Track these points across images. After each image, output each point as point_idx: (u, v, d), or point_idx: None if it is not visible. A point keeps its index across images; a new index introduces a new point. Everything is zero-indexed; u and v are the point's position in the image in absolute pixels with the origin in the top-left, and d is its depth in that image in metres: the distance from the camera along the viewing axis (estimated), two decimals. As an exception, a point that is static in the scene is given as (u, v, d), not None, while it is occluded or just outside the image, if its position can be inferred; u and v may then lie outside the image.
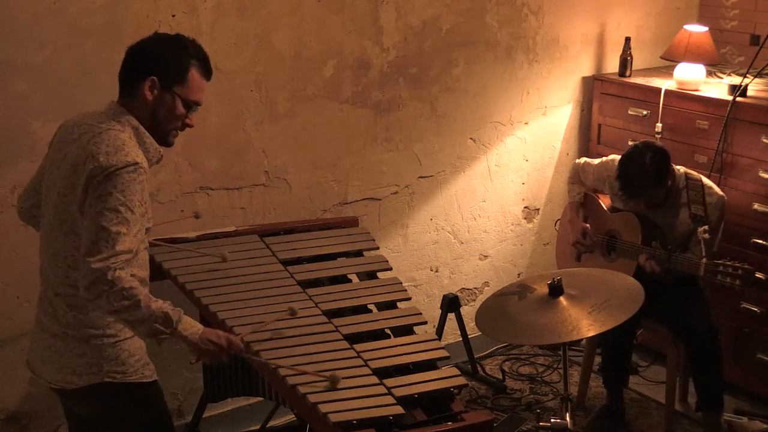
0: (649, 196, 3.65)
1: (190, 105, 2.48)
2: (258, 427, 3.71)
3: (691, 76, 4.21)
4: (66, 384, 2.48)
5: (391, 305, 3.00)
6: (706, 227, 3.54)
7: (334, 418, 2.34)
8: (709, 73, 4.40)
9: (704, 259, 3.46)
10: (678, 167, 3.74)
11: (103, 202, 2.29)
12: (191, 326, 2.39)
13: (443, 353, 2.71)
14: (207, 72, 2.50)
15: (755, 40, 4.58)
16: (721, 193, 3.68)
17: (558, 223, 4.29)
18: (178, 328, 2.35)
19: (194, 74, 2.46)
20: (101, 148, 2.33)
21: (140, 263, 2.48)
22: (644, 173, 3.57)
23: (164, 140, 2.50)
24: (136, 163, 2.34)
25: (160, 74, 2.41)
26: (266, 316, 2.79)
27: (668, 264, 3.56)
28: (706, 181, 3.71)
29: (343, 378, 2.51)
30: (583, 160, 4.09)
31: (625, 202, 3.82)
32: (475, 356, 4.32)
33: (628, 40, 4.51)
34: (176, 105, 2.45)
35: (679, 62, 4.24)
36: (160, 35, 2.52)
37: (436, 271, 4.35)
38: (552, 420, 2.90)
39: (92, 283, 2.25)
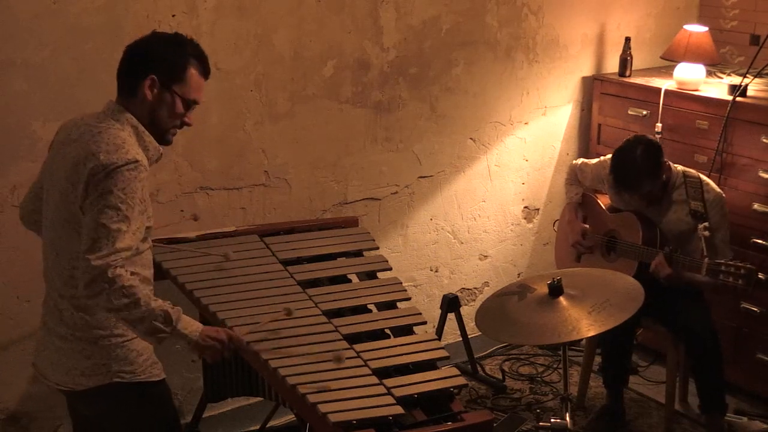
0: (643, 190, 3.63)
1: (189, 104, 2.50)
2: (258, 427, 3.71)
3: (691, 76, 4.21)
4: (74, 385, 2.48)
5: (391, 305, 3.00)
6: (706, 224, 3.54)
7: (333, 418, 2.34)
8: (709, 73, 4.40)
9: (706, 259, 3.46)
10: (676, 166, 3.74)
11: (104, 199, 2.30)
12: (191, 324, 2.41)
13: (443, 353, 2.71)
14: (205, 71, 2.52)
15: (755, 40, 4.58)
16: (718, 190, 3.68)
17: (556, 223, 4.28)
18: (177, 327, 2.36)
19: (193, 73, 2.48)
20: (101, 147, 2.34)
21: (144, 262, 2.49)
22: (636, 165, 3.57)
23: (163, 139, 2.51)
24: (136, 161, 2.35)
25: (159, 73, 2.43)
26: (266, 316, 2.79)
27: (670, 264, 3.55)
28: (704, 178, 3.70)
29: (342, 378, 2.51)
30: (581, 160, 4.09)
31: (625, 201, 3.81)
32: (475, 356, 4.32)
33: (628, 40, 4.51)
34: (176, 104, 2.47)
35: (679, 62, 4.24)
36: (158, 34, 2.53)
37: (436, 271, 4.34)
38: (552, 420, 2.90)
39: (92, 281, 2.26)
